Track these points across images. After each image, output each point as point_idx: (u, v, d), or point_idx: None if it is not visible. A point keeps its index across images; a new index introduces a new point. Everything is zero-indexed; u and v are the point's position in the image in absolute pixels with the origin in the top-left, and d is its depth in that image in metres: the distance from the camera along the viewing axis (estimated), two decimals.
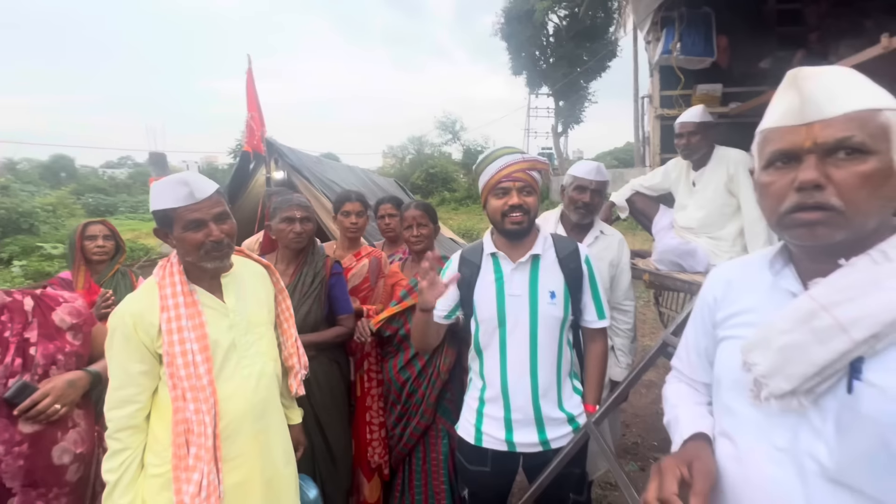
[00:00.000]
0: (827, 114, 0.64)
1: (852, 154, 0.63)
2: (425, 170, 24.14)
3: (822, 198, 0.64)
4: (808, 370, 0.64)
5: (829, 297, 0.65)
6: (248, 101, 3.18)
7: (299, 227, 1.85)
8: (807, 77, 0.67)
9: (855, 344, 0.62)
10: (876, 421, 0.60)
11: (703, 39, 2.61)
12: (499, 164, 1.37)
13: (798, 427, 0.67)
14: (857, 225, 0.64)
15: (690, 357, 0.95)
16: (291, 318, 1.52)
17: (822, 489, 0.64)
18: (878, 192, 0.63)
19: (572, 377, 1.48)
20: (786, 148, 0.67)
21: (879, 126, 0.62)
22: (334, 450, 1.90)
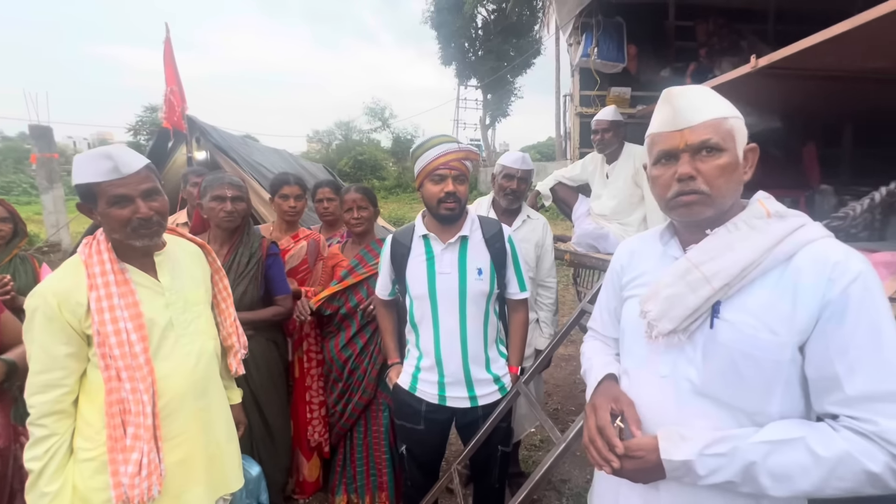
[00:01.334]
0: (692, 122, 0.83)
1: (711, 152, 0.83)
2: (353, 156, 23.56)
3: (695, 185, 0.83)
4: (684, 313, 0.84)
5: (699, 258, 0.85)
6: (167, 75, 2.93)
7: (230, 206, 1.82)
8: (677, 95, 0.86)
9: (714, 291, 0.82)
10: (728, 347, 0.81)
11: (616, 47, 2.91)
12: (436, 151, 1.47)
13: (677, 358, 0.87)
14: (719, 204, 0.84)
15: (603, 316, 1.14)
16: (229, 297, 1.51)
17: (691, 401, 0.85)
18: (730, 179, 0.84)
19: (498, 343, 1.66)
20: (667, 149, 0.86)
21: (727, 130, 0.83)
22: (273, 429, 1.91)
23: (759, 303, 0.80)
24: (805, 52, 1.81)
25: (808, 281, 0.77)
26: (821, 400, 0.77)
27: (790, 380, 0.79)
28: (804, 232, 0.81)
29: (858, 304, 0.73)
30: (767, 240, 0.81)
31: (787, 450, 0.73)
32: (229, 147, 3.29)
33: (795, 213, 0.86)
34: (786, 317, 0.78)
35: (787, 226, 0.82)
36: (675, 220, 0.95)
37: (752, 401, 0.80)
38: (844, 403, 0.74)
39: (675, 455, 0.79)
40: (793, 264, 0.79)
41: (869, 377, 0.72)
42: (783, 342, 0.77)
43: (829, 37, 1.68)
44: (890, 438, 0.69)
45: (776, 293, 0.79)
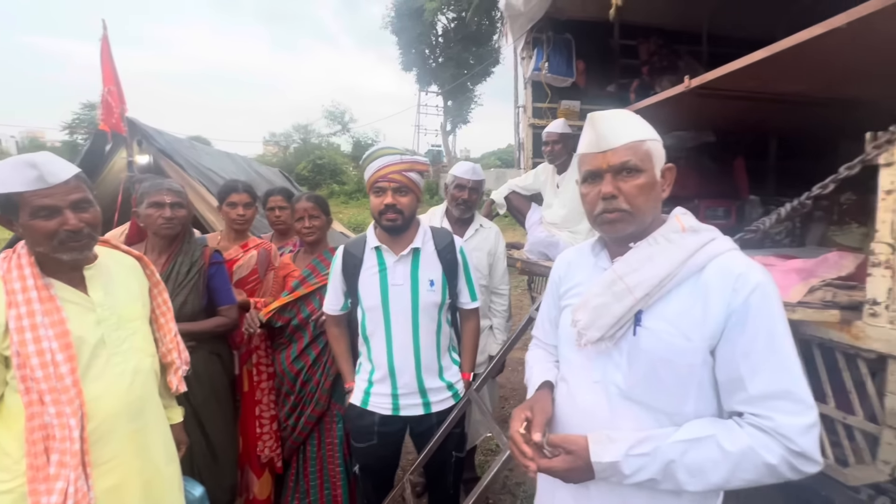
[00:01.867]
0: (613, 144, 0.89)
1: (631, 172, 0.89)
2: (312, 160, 23.05)
3: (617, 203, 0.90)
4: (610, 321, 0.90)
5: (623, 270, 0.91)
6: (104, 74, 2.76)
7: (169, 213, 1.75)
8: (599, 119, 0.93)
9: (636, 300, 0.88)
10: (648, 352, 0.88)
11: (566, 62, 3.03)
12: (377, 164, 1.49)
13: (606, 365, 0.93)
14: (639, 221, 0.91)
15: (545, 325, 1.19)
16: (169, 311, 1.44)
17: (620, 405, 0.90)
18: (649, 197, 0.90)
19: (451, 351, 1.68)
20: (592, 169, 0.92)
21: (645, 152, 0.90)
22: (216, 446, 1.83)
23: (675, 311, 0.87)
24: (731, 75, 1.97)
25: (716, 290, 0.84)
26: (729, 399, 0.85)
27: (702, 381, 0.86)
28: (714, 245, 0.89)
29: (757, 312, 0.81)
30: (682, 252, 0.88)
31: (701, 447, 0.80)
32: (175, 151, 3.14)
33: (707, 227, 0.94)
34: (698, 323, 0.85)
35: (700, 239, 0.90)
36: (603, 235, 1.01)
37: (670, 402, 0.87)
38: (748, 402, 0.81)
39: (603, 457, 0.84)
40: (704, 275, 0.86)
41: (767, 378, 0.80)
42: (696, 347, 0.84)
43: (750, 62, 1.83)
44: (785, 433, 0.77)
45: (690, 301, 0.86)
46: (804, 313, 1.21)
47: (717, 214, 2.89)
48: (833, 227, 2.72)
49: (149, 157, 3.09)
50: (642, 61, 3.17)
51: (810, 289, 1.36)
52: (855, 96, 2.30)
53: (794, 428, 0.77)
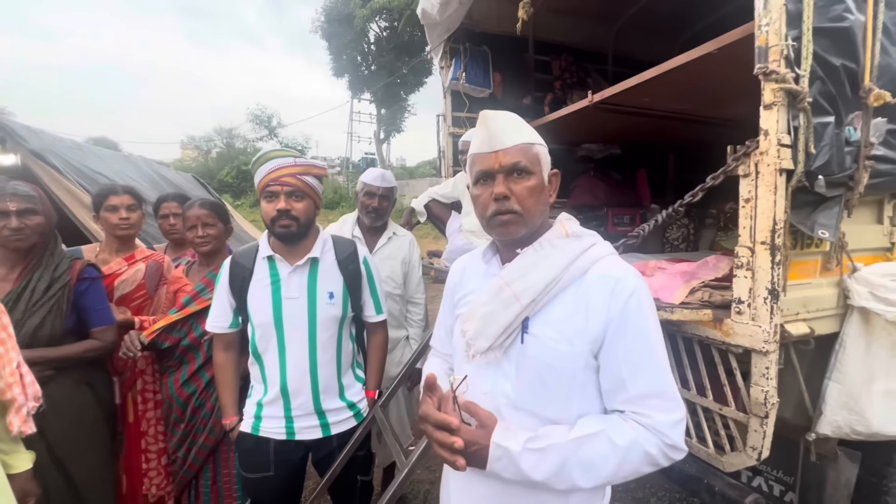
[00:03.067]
0: (505, 144, 0.89)
1: (521, 174, 0.89)
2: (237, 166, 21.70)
3: (509, 205, 0.89)
4: (498, 330, 0.88)
5: (510, 276, 0.90)
6: None
7: (17, 223, 1.49)
8: (491, 118, 0.92)
9: (523, 307, 0.87)
10: (535, 359, 0.87)
11: (483, 73, 3.10)
12: (269, 166, 1.38)
13: (496, 375, 0.91)
14: (530, 223, 0.91)
15: (441, 334, 1.16)
16: (10, 339, 1.22)
17: (510, 415, 0.89)
18: (538, 200, 0.91)
19: (355, 367, 1.59)
20: (484, 169, 0.91)
21: (534, 155, 0.91)
22: (81, 489, 1.57)
23: (559, 316, 0.88)
24: (626, 92, 2.12)
25: (596, 295, 0.86)
26: (611, 399, 0.87)
27: (585, 384, 0.87)
28: (594, 250, 0.91)
29: (635, 316, 0.84)
30: (566, 258, 0.89)
31: (593, 442, 0.81)
32: (49, 152, 2.76)
33: (589, 232, 0.96)
34: (580, 328, 0.86)
35: (582, 245, 0.92)
36: (496, 239, 1.00)
37: (556, 408, 0.87)
38: (629, 401, 0.84)
39: (505, 441, 0.80)
40: (586, 280, 0.88)
41: (645, 379, 0.83)
42: (578, 351, 0.85)
43: (640, 81, 1.97)
44: (660, 428, 0.81)
45: (572, 306, 0.87)
46: (682, 314, 1.30)
47: (624, 222, 3.09)
48: (720, 233, 3.02)
49: (15, 157, 2.69)
50: (555, 76, 3.33)
51: (691, 290, 1.47)
52: (731, 115, 2.57)
53: (666, 423, 0.82)
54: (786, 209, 1.18)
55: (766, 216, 1.18)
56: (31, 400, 1.22)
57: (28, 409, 1.21)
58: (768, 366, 1.19)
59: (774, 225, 1.17)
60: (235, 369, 1.57)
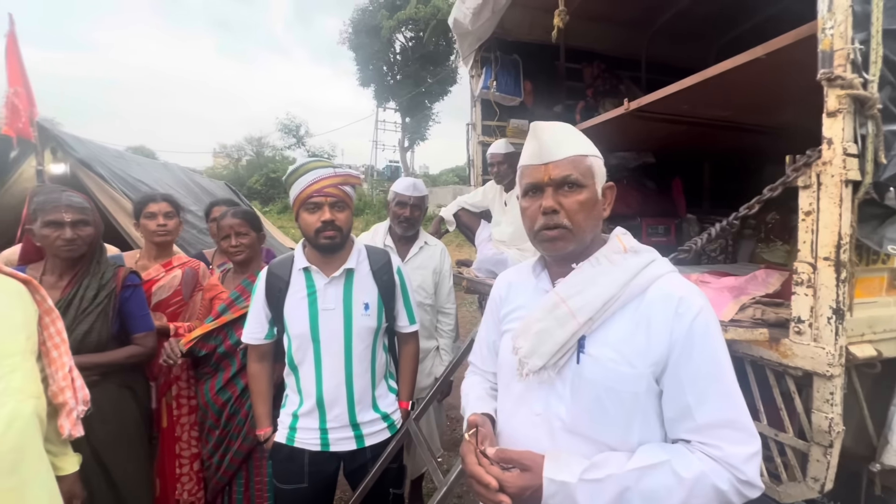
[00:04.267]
0: (556, 157, 0.85)
1: (572, 187, 0.86)
2: (265, 174, 22.30)
3: (558, 219, 0.86)
4: (553, 348, 0.84)
5: (566, 292, 0.87)
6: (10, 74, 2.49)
7: (70, 233, 1.54)
8: (542, 129, 0.89)
9: (580, 325, 0.83)
10: (592, 381, 0.83)
11: (514, 82, 3.08)
12: (310, 177, 1.37)
13: (549, 395, 0.87)
14: (580, 239, 0.87)
15: (482, 351, 1.12)
16: (64, 344, 1.25)
17: (564, 439, 0.85)
18: (590, 215, 0.87)
19: (387, 378, 1.58)
20: (533, 181, 0.88)
21: (587, 167, 0.87)
22: (124, 493, 1.60)
23: (617, 336, 0.83)
24: (664, 100, 2.05)
25: (658, 315, 0.81)
26: (675, 428, 0.81)
27: (647, 410, 0.82)
28: (654, 267, 0.87)
29: (702, 339, 0.79)
30: (625, 274, 0.85)
31: (656, 473, 0.76)
32: (96, 160, 2.87)
33: (647, 248, 0.92)
34: (641, 349, 0.81)
35: (641, 261, 0.87)
36: (542, 253, 0.97)
37: (615, 434, 0.82)
38: (695, 431, 0.79)
39: (558, 475, 0.77)
40: (647, 298, 0.84)
41: (714, 407, 0.78)
42: (640, 374, 0.81)
43: (680, 88, 1.91)
44: (732, 462, 0.76)
45: (632, 326, 0.83)
46: (736, 332, 1.23)
47: (658, 232, 2.99)
48: (761, 245, 2.88)
49: (65, 166, 2.81)
50: (587, 84, 3.27)
51: (741, 307, 1.40)
52: (777, 122, 2.46)
53: (740, 457, 0.76)
54: (852, 223, 1.10)
55: (830, 230, 1.10)
56: (81, 404, 1.25)
57: (78, 413, 1.24)
58: (833, 391, 1.10)
59: (839, 240, 1.09)
60: (270, 380, 1.57)
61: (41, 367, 1.21)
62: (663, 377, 0.81)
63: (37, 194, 1.62)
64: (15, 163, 2.71)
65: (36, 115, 2.54)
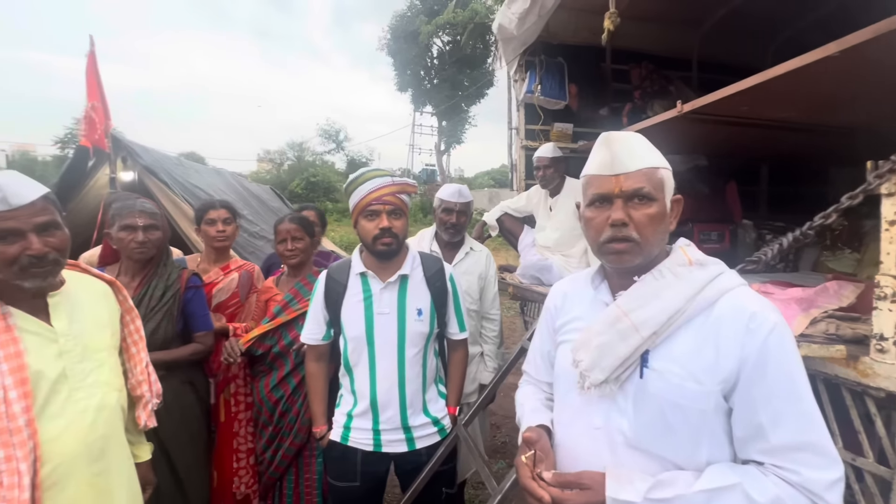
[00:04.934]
0: (628, 168, 0.84)
1: (643, 200, 0.84)
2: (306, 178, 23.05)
3: (627, 232, 0.84)
4: (615, 362, 0.83)
5: (628, 305, 0.85)
6: (89, 89, 2.72)
7: (142, 237, 1.67)
8: (615, 140, 0.88)
9: (643, 340, 0.82)
10: (657, 397, 0.81)
11: (559, 85, 3.04)
12: (369, 186, 1.42)
13: (609, 409, 0.86)
14: (647, 252, 0.86)
15: (537, 360, 1.12)
16: (142, 341, 1.35)
17: (626, 454, 0.83)
18: (658, 228, 0.85)
19: (437, 382, 1.60)
20: (602, 192, 0.87)
21: (659, 180, 0.85)
22: (185, 484, 1.71)
23: (684, 351, 0.81)
24: (722, 101, 1.97)
25: (728, 330, 0.78)
26: (746, 448, 0.78)
27: (715, 428, 0.79)
28: (723, 280, 0.84)
29: (777, 356, 0.75)
30: (691, 287, 0.83)
31: (726, 496, 0.73)
32: (160, 168, 3.08)
33: (714, 260, 0.89)
34: (709, 365, 0.79)
35: (708, 273, 0.84)
36: (606, 265, 0.95)
37: (681, 451, 0.80)
38: (769, 452, 0.75)
39: (621, 494, 0.76)
40: (714, 312, 0.81)
41: (790, 428, 0.74)
42: (708, 391, 0.78)
43: (741, 89, 1.83)
44: (812, 488, 0.71)
45: (699, 341, 0.80)
46: (809, 349, 1.16)
47: (711, 238, 2.87)
48: (826, 252, 2.70)
49: (133, 174, 3.02)
50: (634, 86, 3.19)
51: (812, 320, 1.32)
52: (846, 123, 2.31)
53: (821, 483, 0.72)
54: None
55: None
56: (155, 397, 1.34)
57: (152, 405, 1.33)
58: None
59: None
60: (326, 379, 1.63)
61: (121, 361, 1.31)
62: (733, 395, 0.78)
63: (114, 201, 1.76)
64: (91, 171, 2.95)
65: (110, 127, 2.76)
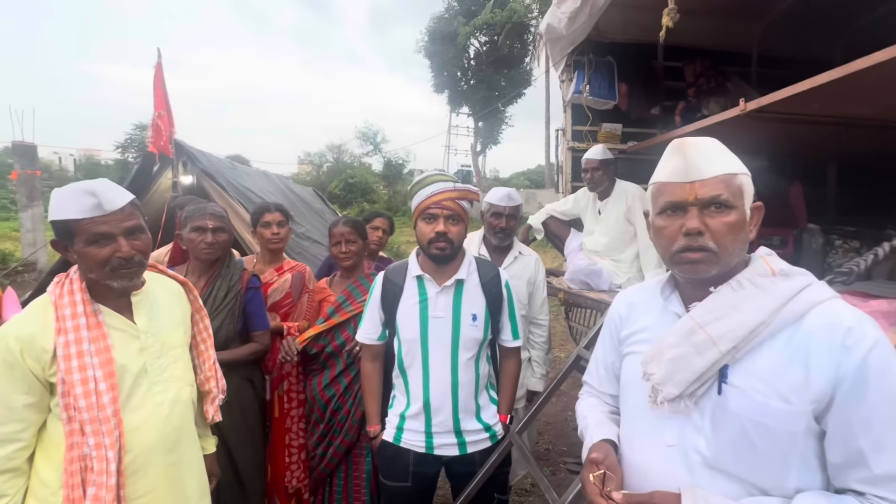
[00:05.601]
0: (704, 175, 0.80)
1: (720, 208, 0.80)
2: (344, 179, 23.60)
3: (703, 241, 0.80)
4: (690, 377, 0.79)
5: (704, 318, 0.81)
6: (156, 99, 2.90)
7: (211, 238, 1.76)
8: (689, 146, 0.84)
9: (722, 354, 0.78)
10: (738, 415, 0.76)
11: (608, 84, 2.96)
12: (430, 190, 1.43)
13: (684, 426, 0.82)
14: (724, 262, 0.81)
15: (599, 371, 1.09)
16: (210, 338, 1.42)
17: (705, 476, 0.79)
18: (737, 238, 0.81)
19: (489, 389, 1.59)
20: (675, 200, 0.83)
21: (737, 187, 0.81)
22: (243, 476, 1.78)
23: (768, 367, 0.76)
24: (792, 98, 1.85)
25: (820, 346, 0.73)
26: (843, 475, 0.73)
27: (806, 452, 0.74)
28: (811, 292, 0.79)
29: (880, 375, 0.70)
30: (775, 300, 0.78)
31: None
32: (216, 172, 3.23)
33: (800, 270, 0.84)
34: (799, 384, 0.74)
35: (794, 285, 0.79)
36: (678, 275, 0.91)
37: (768, 475, 0.75)
38: (871, 482, 0.70)
39: None
40: (803, 327, 0.76)
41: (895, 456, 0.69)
42: (797, 411, 0.73)
43: (816, 85, 1.71)
44: None
45: (786, 357, 0.76)
46: None
47: (773, 244, 2.71)
48: None
49: (192, 177, 3.19)
50: (688, 83, 3.06)
51: None
52: None
53: None
54: None
55: None
56: (221, 392, 1.41)
57: (219, 401, 1.40)
58: None
59: None
60: (381, 379, 1.65)
61: (191, 357, 1.38)
62: (827, 417, 0.73)
63: (184, 204, 1.86)
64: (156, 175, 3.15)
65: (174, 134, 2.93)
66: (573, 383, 4.01)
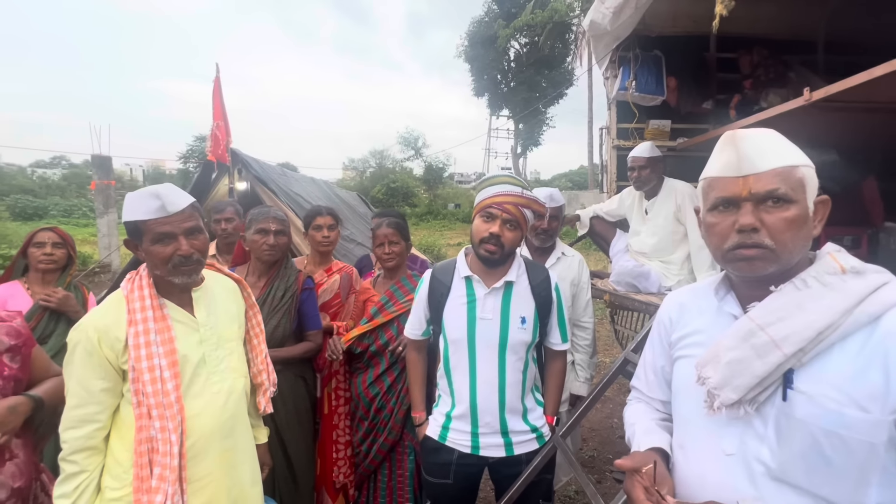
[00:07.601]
0: (759, 168, 0.76)
1: (778, 202, 0.75)
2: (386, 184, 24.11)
3: (758, 238, 0.75)
4: (751, 381, 0.74)
5: (764, 318, 0.76)
6: (215, 110, 3.11)
7: (272, 240, 1.86)
8: (742, 138, 0.79)
9: (786, 357, 0.72)
10: (807, 423, 0.71)
11: (655, 79, 2.85)
12: (495, 189, 1.42)
13: (744, 433, 0.77)
14: (784, 260, 0.76)
15: (648, 376, 1.04)
16: (262, 333, 1.50)
17: (770, 488, 0.73)
18: (798, 234, 0.76)
19: (535, 391, 1.56)
20: (727, 195, 0.79)
21: (798, 180, 0.75)
22: (296, 469, 1.86)
23: (841, 372, 0.71)
24: (865, 85, 1.71)
25: None
26: None
27: (889, 466, 0.68)
28: (888, 292, 0.72)
29: None
30: (845, 300, 0.72)
31: None
32: (268, 178, 3.40)
33: (874, 268, 0.77)
34: (878, 391, 0.68)
35: (868, 283, 0.73)
36: (733, 274, 0.86)
37: (843, 490, 0.69)
38: None
39: None
40: (881, 329, 0.70)
41: None
42: (877, 420, 0.67)
43: (890, 70, 1.57)
44: None
45: (862, 362, 0.70)
46: None
47: (844, 243, 2.48)
48: None
49: (246, 184, 3.38)
50: (744, 75, 2.89)
51: None
52: None
53: None
54: None
55: None
56: (272, 385, 1.48)
57: (270, 393, 1.47)
58: None
59: None
60: (425, 367, 1.70)
61: (245, 351, 1.46)
62: None
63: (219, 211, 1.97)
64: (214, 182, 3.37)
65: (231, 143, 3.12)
66: (619, 389, 3.87)
